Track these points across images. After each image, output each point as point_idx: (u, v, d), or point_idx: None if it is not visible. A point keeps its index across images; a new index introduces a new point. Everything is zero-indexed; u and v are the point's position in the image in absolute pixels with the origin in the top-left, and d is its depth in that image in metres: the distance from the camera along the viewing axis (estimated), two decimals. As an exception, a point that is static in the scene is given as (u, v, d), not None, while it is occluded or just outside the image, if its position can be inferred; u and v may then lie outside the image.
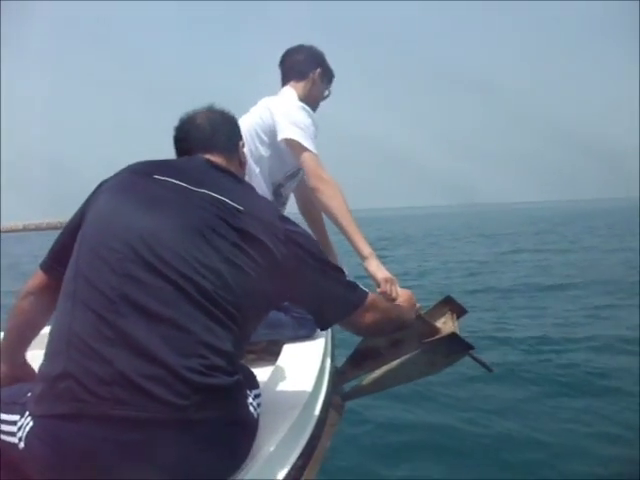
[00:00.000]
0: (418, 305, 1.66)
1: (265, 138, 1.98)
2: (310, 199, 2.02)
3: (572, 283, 8.60)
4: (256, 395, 1.15)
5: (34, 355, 1.19)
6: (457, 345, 1.69)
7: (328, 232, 2.40)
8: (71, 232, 1.15)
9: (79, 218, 1.15)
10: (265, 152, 1.99)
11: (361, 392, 1.90)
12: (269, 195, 2.03)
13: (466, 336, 1.74)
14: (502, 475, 2.70)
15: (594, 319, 6.04)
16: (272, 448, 1.11)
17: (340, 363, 1.89)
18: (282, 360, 1.64)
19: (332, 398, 1.65)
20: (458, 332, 1.70)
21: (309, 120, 1.95)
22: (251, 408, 1.10)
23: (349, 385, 1.91)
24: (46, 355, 1.02)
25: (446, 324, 1.79)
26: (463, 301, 1.92)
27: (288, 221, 1.19)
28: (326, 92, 2.21)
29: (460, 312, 1.87)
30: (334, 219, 1.83)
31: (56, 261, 1.17)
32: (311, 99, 2.11)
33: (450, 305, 1.87)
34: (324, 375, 1.61)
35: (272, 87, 2.18)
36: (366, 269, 1.78)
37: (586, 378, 4.04)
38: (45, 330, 1.12)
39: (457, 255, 14.24)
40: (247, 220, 1.11)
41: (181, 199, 1.12)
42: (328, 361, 1.73)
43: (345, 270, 1.29)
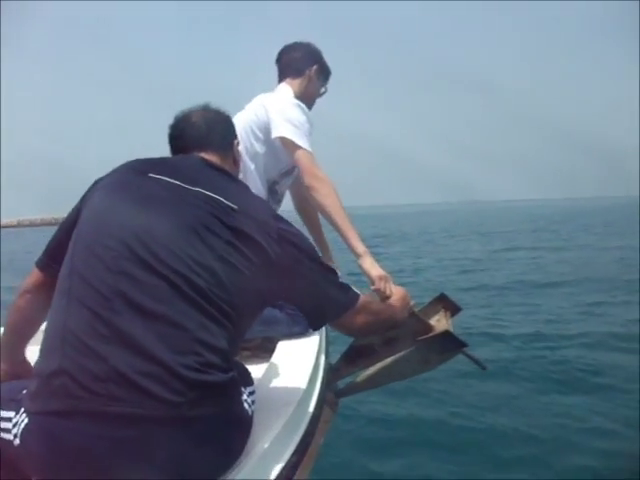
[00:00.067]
0: (412, 303, 1.67)
1: (260, 135, 1.98)
2: (305, 197, 2.02)
3: (566, 281, 8.63)
4: (250, 392, 1.16)
5: (33, 351, 1.20)
6: (451, 343, 1.70)
7: (323, 229, 2.41)
8: (67, 230, 1.15)
9: (74, 216, 1.16)
10: (260, 149, 1.99)
11: (355, 389, 1.91)
12: (264, 192, 2.03)
13: (460, 333, 1.74)
14: (494, 470, 2.69)
15: (587, 316, 6.05)
16: (266, 445, 1.12)
17: (334, 360, 1.89)
18: (276, 357, 1.64)
19: (326, 395, 1.66)
20: (452, 330, 1.71)
21: (304, 117, 1.94)
22: (246, 405, 1.10)
23: (343, 382, 1.92)
24: (41, 352, 1.03)
25: (440, 322, 1.79)
26: (457, 298, 1.93)
27: (282, 220, 1.20)
28: (322, 89, 2.20)
29: (454, 310, 1.87)
30: (328, 217, 1.83)
31: (52, 259, 1.18)
32: (307, 96, 2.11)
33: (444, 303, 1.88)
34: (318, 372, 1.61)
35: (271, 86, 2.18)
36: (360, 266, 1.78)
37: (579, 374, 4.04)
38: (44, 327, 1.13)
39: (451, 252, 14.26)
40: (241, 219, 1.11)
41: (176, 197, 1.12)
42: (322, 358, 1.73)
43: (338, 272, 1.30)
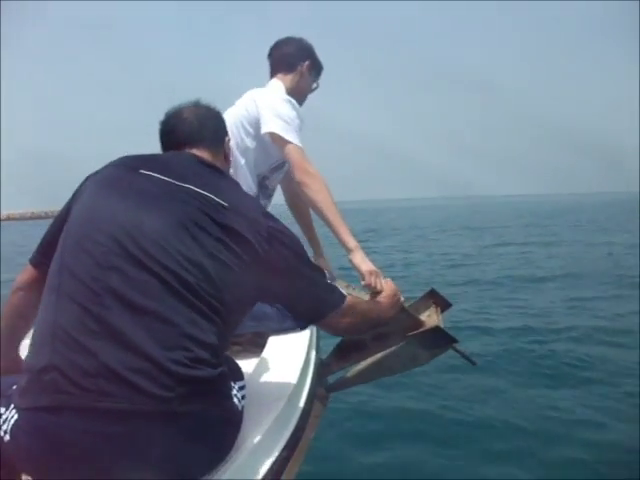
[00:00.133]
0: (402, 299, 1.68)
1: (250, 130, 1.97)
2: (297, 192, 2.02)
3: (556, 275, 8.70)
4: (240, 387, 1.16)
5: (27, 346, 1.20)
6: (441, 338, 1.71)
7: (314, 224, 2.41)
8: (59, 226, 1.15)
9: (66, 212, 1.16)
10: (251, 144, 1.99)
11: (346, 384, 1.92)
12: (255, 187, 2.03)
13: (449, 326, 1.76)
14: (483, 462, 2.71)
15: (576, 310, 6.12)
16: (257, 440, 1.12)
17: (325, 355, 1.90)
18: (267, 352, 1.65)
19: (317, 390, 1.66)
20: (442, 325, 1.72)
21: (294, 113, 1.93)
22: (235, 400, 1.11)
23: (334, 377, 1.93)
24: (31, 348, 1.02)
25: (430, 317, 1.80)
26: (447, 292, 1.93)
27: (272, 219, 1.20)
28: (314, 85, 2.20)
29: (444, 305, 1.88)
30: (320, 213, 1.83)
31: (45, 255, 1.17)
32: (299, 92, 2.10)
33: (434, 298, 1.89)
34: (309, 367, 1.62)
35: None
36: (351, 261, 1.79)
37: (567, 368, 4.08)
38: None
39: (442, 247, 14.31)
40: (231, 216, 1.11)
41: (166, 194, 1.12)
42: (313, 353, 1.74)
43: (327, 272, 1.30)
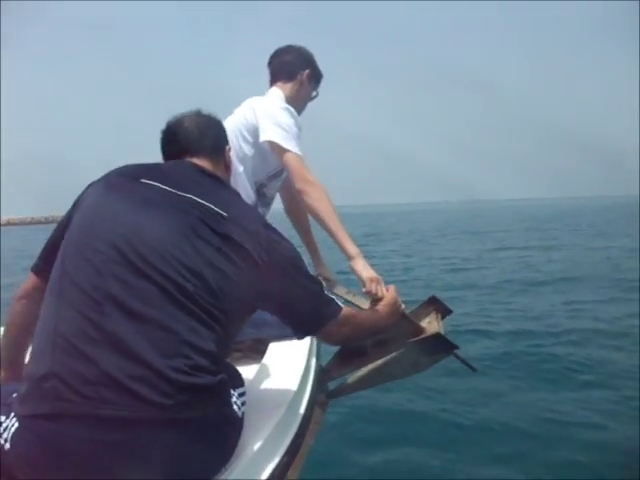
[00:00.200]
0: (403, 306, 1.68)
1: (249, 137, 1.98)
2: (295, 199, 2.01)
3: (555, 279, 8.70)
4: (240, 394, 1.16)
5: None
6: (442, 345, 1.70)
7: (312, 229, 2.40)
8: (61, 234, 1.15)
9: (67, 220, 1.16)
10: (249, 151, 1.99)
11: (346, 390, 1.91)
12: (253, 194, 2.03)
13: (449, 330, 1.76)
14: (483, 465, 2.70)
15: (576, 313, 6.11)
16: (257, 446, 1.12)
17: (325, 362, 1.90)
18: (268, 358, 1.65)
19: (317, 396, 1.66)
20: (443, 332, 1.72)
21: (292, 121, 1.93)
22: (235, 407, 1.11)
23: (334, 383, 1.92)
24: (32, 355, 1.03)
25: (431, 324, 1.80)
26: (446, 296, 1.94)
27: (272, 229, 1.21)
28: (314, 93, 2.20)
29: (445, 312, 1.88)
30: (321, 221, 1.83)
31: (47, 263, 1.17)
32: (298, 100, 2.10)
33: (435, 305, 1.89)
34: (309, 374, 1.62)
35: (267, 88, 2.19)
36: (352, 268, 1.79)
37: (567, 371, 4.09)
38: None
39: (442, 252, 14.32)
40: (231, 226, 1.12)
41: (167, 203, 1.13)
42: (313, 360, 1.74)
43: (326, 281, 1.31)
